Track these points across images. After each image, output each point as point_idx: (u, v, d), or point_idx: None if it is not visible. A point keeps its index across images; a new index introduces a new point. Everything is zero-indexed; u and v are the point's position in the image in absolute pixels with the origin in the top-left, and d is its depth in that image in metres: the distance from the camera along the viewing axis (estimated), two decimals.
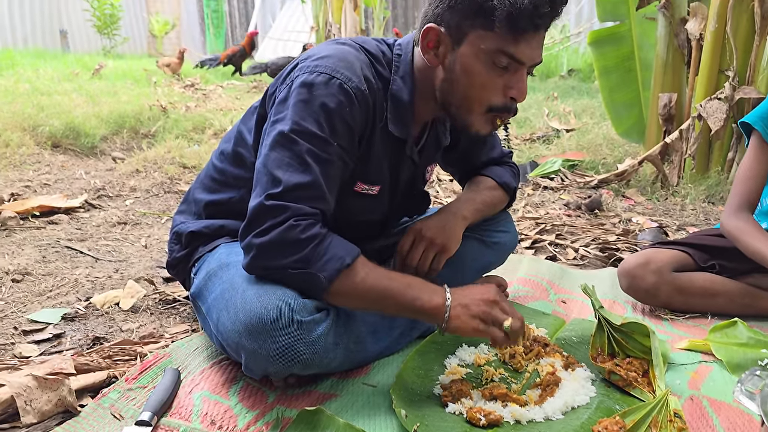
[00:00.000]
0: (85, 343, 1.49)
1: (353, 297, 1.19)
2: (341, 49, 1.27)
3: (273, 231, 1.14)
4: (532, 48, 1.20)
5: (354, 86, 1.21)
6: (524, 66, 1.22)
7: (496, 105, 1.25)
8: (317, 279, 1.15)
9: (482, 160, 1.64)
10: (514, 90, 1.23)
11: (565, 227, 2.57)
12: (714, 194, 3.04)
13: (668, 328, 1.66)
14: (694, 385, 1.36)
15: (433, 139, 1.49)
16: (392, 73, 1.32)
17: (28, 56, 7.37)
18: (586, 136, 4.30)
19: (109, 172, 3.41)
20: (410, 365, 1.35)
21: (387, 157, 1.38)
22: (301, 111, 1.19)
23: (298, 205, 1.15)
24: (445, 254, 1.44)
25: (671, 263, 1.69)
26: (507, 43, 1.18)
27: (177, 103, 5.09)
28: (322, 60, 1.23)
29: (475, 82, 1.23)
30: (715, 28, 3.02)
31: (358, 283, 1.17)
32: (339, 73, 1.21)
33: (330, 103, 1.19)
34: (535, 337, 1.48)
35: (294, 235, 1.13)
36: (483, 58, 1.20)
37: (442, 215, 1.47)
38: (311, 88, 1.19)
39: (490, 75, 1.21)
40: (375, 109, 1.28)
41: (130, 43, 11.29)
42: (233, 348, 1.17)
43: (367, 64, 1.28)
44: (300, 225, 1.14)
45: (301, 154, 1.17)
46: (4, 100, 4.30)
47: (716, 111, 2.97)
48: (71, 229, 2.41)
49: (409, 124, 1.35)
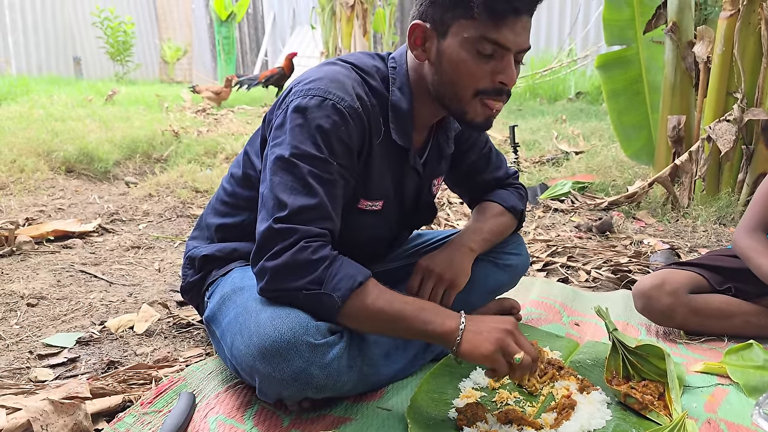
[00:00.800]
0: (99, 367, 1.50)
1: (365, 318, 1.19)
2: (332, 69, 1.30)
3: (285, 254, 1.15)
4: (515, 33, 1.21)
5: (347, 105, 1.24)
6: (510, 52, 1.22)
7: (485, 89, 1.25)
8: (330, 299, 1.15)
9: (487, 180, 1.66)
10: (502, 75, 1.23)
11: (576, 249, 2.57)
12: (725, 215, 3.03)
13: (683, 351, 1.65)
14: (711, 409, 1.34)
15: (435, 149, 1.50)
16: (390, 86, 1.35)
17: (42, 83, 7.48)
18: (595, 158, 4.31)
19: (123, 197, 3.45)
20: (424, 388, 1.35)
21: (389, 171, 1.40)
22: (298, 135, 1.21)
23: (307, 227, 1.17)
24: (454, 289, 1.45)
25: (687, 285, 1.68)
26: (488, 30, 1.19)
27: (189, 127, 5.15)
28: (314, 83, 1.25)
29: (462, 71, 1.24)
30: (723, 51, 3.03)
31: (369, 305, 1.17)
32: (331, 93, 1.23)
33: (325, 124, 1.21)
34: (549, 360, 1.47)
35: (305, 256, 1.15)
36: (467, 47, 1.21)
37: (450, 249, 1.48)
38: (305, 111, 1.22)
39: (477, 63, 1.22)
40: (370, 125, 1.30)
41: (142, 69, 11.46)
42: (247, 372, 1.17)
43: (358, 82, 1.31)
44: (310, 246, 1.16)
45: (303, 177, 1.19)
46: (19, 126, 4.37)
47: (725, 133, 2.97)
48: (85, 253, 2.44)
49: (410, 133, 1.37)
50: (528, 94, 8.08)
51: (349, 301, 1.16)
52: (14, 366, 1.49)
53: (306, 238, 1.16)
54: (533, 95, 8.04)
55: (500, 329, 1.17)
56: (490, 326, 1.18)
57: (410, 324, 1.18)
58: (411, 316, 1.18)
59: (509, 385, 1.40)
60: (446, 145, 1.52)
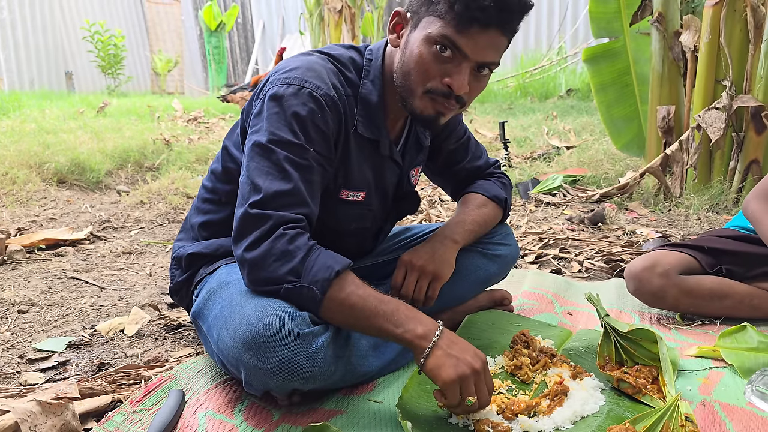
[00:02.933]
0: (90, 369, 1.49)
1: (338, 311, 1.17)
2: (308, 59, 1.31)
3: (262, 244, 1.16)
4: (477, 44, 1.20)
5: (323, 93, 1.25)
6: (468, 60, 1.22)
7: (434, 88, 1.25)
8: (311, 292, 1.15)
9: (467, 169, 1.66)
10: (450, 78, 1.23)
11: (568, 241, 2.57)
12: (718, 203, 3.03)
13: (677, 336, 1.64)
14: (706, 391, 1.34)
15: (414, 140, 1.51)
16: (362, 77, 1.36)
17: (34, 98, 7.45)
18: (586, 152, 4.32)
19: (114, 205, 3.44)
20: (416, 380, 1.33)
21: (366, 161, 1.40)
22: (275, 122, 1.23)
23: (281, 213, 1.17)
24: (438, 281, 1.43)
25: (678, 266, 1.68)
26: (450, 31, 1.19)
27: (180, 136, 5.14)
28: (291, 72, 1.27)
29: (418, 65, 1.24)
30: (709, 39, 3.04)
31: (343, 298, 1.16)
32: (307, 82, 1.25)
33: (301, 112, 1.22)
34: (541, 348, 1.46)
35: (281, 246, 1.15)
36: (428, 43, 1.22)
37: (432, 242, 1.47)
38: (281, 99, 1.24)
39: (432, 60, 1.22)
40: (346, 114, 1.31)
41: (133, 81, 11.45)
42: (233, 364, 1.17)
43: (334, 72, 1.32)
44: (287, 234, 1.16)
45: (279, 162, 1.20)
46: (11, 139, 4.35)
47: (715, 121, 2.98)
48: (77, 260, 2.43)
49: (380, 125, 1.38)
50: (519, 92, 8.10)
51: (329, 292, 1.15)
52: (4, 371, 1.48)
53: (281, 225, 1.16)
54: (524, 93, 8.05)
55: (469, 364, 1.12)
56: (461, 355, 1.13)
57: (381, 324, 1.15)
58: (384, 315, 1.15)
59: (501, 374, 1.40)
60: (423, 136, 1.53)
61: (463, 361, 1.12)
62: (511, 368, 1.40)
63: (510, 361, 1.42)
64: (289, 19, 12.05)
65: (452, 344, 1.14)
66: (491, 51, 1.23)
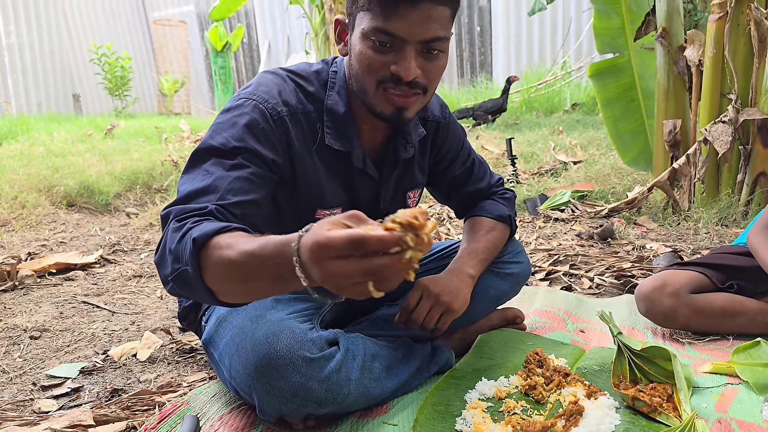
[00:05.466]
0: (103, 395, 1.49)
1: (227, 283, 0.95)
2: (265, 78, 1.32)
3: (157, 248, 1.05)
4: (409, 22, 1.15)
5: (270, 107, 1.25)
6: (407, 42, 1.17)
7: (382, 77, 1.21)
8: (188, 274, 0.96)
9: (469, 191, 1.66)
10: (396, 66, 1.19)
11: (578, 257, 2.56)
12: (727, 217, 3.02)
13: (690, 352, 1.63)
14: (722, 408, 1.33)
15: (392, 152, 1.44)
16: (327, 89, 1.34)
17: (42, 121, 7.54)
18: (593, 167, 4.31)
19: (124, 228, 3.45)
20: (430, 401, 1.34)
21: (337, 175, 1.37)
22: (213, 131, 1.22)
23: (182, 206, 1.08)
24: (450, 315, 1.42)
25: (688, 285, 1.68)
26: (379, 20, 1.16)
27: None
28: (245, 90, 1.29)
29: (363, 63, 1.22)
30: (714, 54, 3.05)
31: (217, 263, 0.93)
32: (255, 95, 1.26)
33: (241, 121, 1.22)
34: (555, 367, 1.46)
35: (167, 234, 1.03)
36: (365, 39, 1.19)
37: (450, 275, 1.46)
38: (227, 112, 1.25)
39: (374, 54, 1.19)
40: (305, 132, 1.30)
41: (140, 102, 11.57)
42: (246, 392, 1.17)
43: (291, 89, 1.31)
44: (178, 223, 1.03)
45: (205, 167, 1.16)
46: (20, 163, 4.40)
47: (722, 134, 2.98)
48: (87, 284, 2.44)
49: (351, 136, 1.35)
50: (524, 107, 8.11)
51: (204, 273, 0.95)
52: (18, 399, 1.48)
53: (177, 217, 1.04)
54: (529, 109, 8.07)
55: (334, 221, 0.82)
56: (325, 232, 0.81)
57: (254, 260, 0.89)
58: (253, 251, 0.89)
59: (516, 394, 1.39)
60: (402, 149, 1.45)
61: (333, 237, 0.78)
62: (525, 388, 1.40)
63: (524, 381, 1.42)
64: (294, 38, 12.15)
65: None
66: (431, 25, 1.17)
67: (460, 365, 1.50)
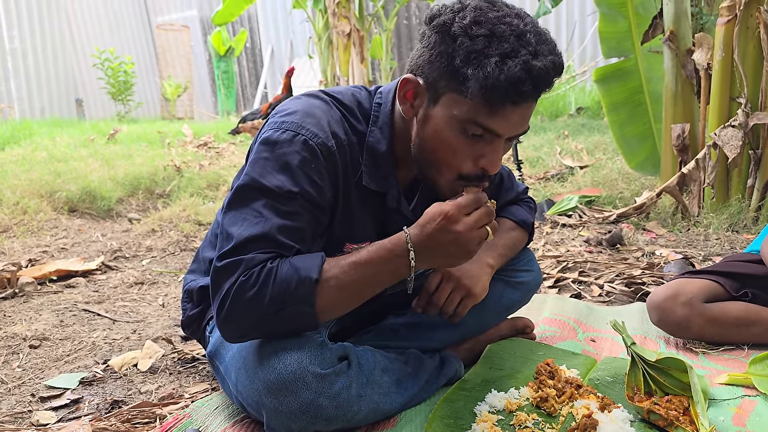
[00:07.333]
0: (103, 407, 1.45)
1: (340, 303, 1.13)
2: (310, 103, 1.23)
3: (227, 301, 1.07)
4: (510, 122, 1.11)
5: (320, 142, 1.17)
6: (501, 138, 1.14)
7: (467, 174, 1.17)
8: (302, 312, 1.08)
9: (499, 205, 1.62)
10: (485, 160, 1.15)
11: (587, 264, 2.52)
12: (737, 222, 2.98)
13: (705, 363, 1.59)
14: (740, 421, 1.29)
15: (426, 193, 1.37)
16: (370, 124, 1.27)
17: (45, 126, 7.52)
18: (600, 171, 4.28)
19: (126, 234, 3.42)
20: (439, 414, 1.29)
21: (369, 213, 1.31)
22: (260, 168, 1.15)
23: (251, 256, 1.08)
24: (471, 299, 1.38)
25: (702, 294, 1.64)
26: (480, 114, 1.10)
27: (191, 162, 5.15)
28: (288, 116, 1.20)
29: (445, 147, 1.15)
30: (723, 57, 3.01)
31: (334, 288, 1.10)
32: (304, 128, 1.17)
33: (293, 161, 1.14)
34: (567, 379, 1.42)
35: (246, 291, 1.06)
36: (454, 124, 1.13)
37: (470, 262, 1.39)
38: (274, 145, 1.16)
39: (461, 141, 1.14)
40: (348, 165, 1.23)
41: (143, 107, 11.56)
42: (254, 407, 1.13)
43: (337, 119, 1.23)
44: (252, 275, 1.07)
45: (257, 208, 1.12)
46: (22, 168, 4.37)
47: (731, 138, 2.94)
48: (88, 291, 2.40)
49: (389, 175, 1.28)
50: None
51: (318, 301, 1.08)
52: (16, 410, 1.44)
53: (246, 271, 1.07)
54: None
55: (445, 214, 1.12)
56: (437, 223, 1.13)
57: (368, 274, 1.13)
58: (369, 264, 1.13)
59: (527, 407, 1.35)
60: None
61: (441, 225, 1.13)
62: (536, 400, 1.36)
63: (535, 393, 1.38)
64: (297, 43, 12.15)
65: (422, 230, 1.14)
66: (524, 122, 1.15)
67: (469, 376, 1.46)
